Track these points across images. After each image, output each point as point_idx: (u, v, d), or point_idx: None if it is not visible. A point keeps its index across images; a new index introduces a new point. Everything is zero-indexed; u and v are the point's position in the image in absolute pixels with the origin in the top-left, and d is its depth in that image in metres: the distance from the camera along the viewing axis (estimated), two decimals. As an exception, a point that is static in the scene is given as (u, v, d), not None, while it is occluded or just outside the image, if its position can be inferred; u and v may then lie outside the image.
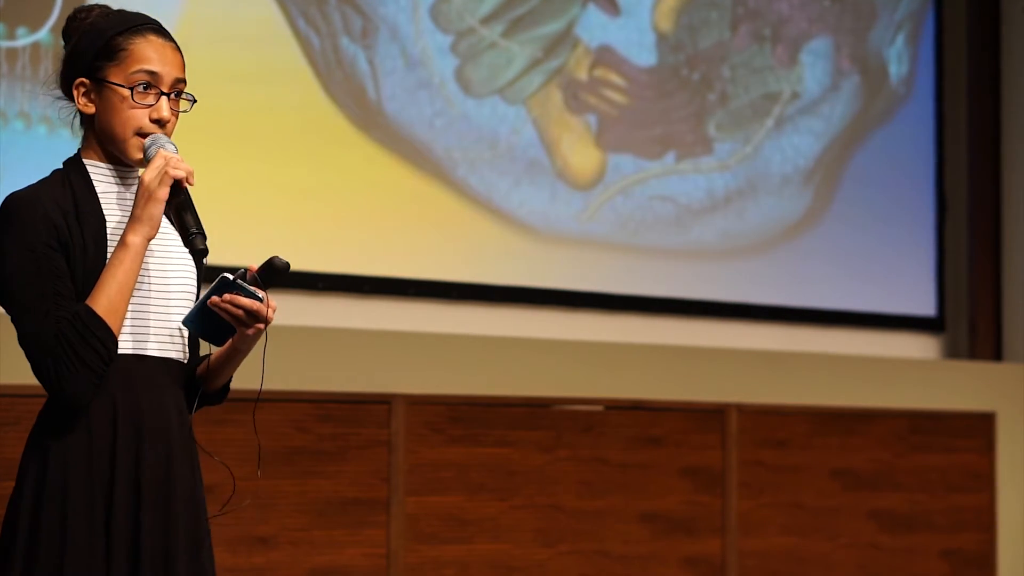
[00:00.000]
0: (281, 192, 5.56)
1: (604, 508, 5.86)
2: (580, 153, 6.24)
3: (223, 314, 2.83)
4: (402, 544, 5.43)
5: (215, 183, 5.34)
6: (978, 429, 6.75)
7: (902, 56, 7.13)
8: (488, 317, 5.99)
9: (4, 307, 2.80)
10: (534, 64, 6.15)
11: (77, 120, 2.92)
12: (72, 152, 2.93)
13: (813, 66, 6.85)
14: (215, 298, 2.83)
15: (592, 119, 6.28)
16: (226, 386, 3.04)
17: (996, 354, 7.15)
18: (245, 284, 2.85)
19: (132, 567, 2.74)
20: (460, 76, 5.98)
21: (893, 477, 6.52)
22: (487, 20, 6.05)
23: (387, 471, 5.42)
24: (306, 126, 5.63)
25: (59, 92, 2.92)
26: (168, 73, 2.85)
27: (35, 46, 5.13)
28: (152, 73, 2.84)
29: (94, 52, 2.84)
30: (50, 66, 5.09)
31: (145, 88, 2.84)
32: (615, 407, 5.92)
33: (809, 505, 6.31)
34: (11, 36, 5.12)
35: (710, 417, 6.11)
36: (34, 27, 5.14)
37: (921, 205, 7.14)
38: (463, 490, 5.58)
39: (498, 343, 5.80)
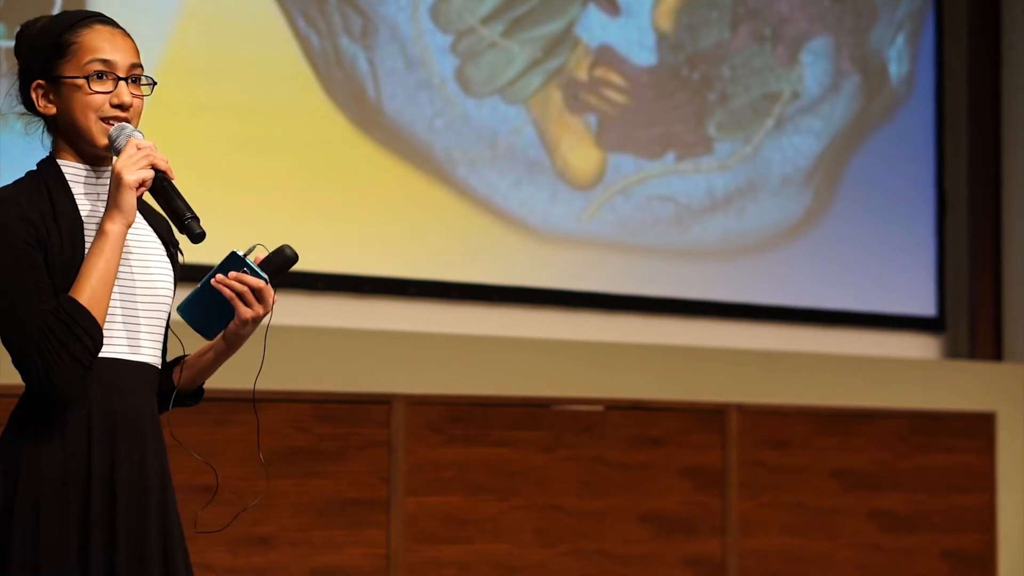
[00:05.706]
0: (281, 192, 5.55)
1: (604, 508, 5.85)
2: (580, 153, 6.24)
3: (226, 291, 2.77)
4: (402, 544, 5.43)
5: (214, 183, 5.34)
6: (978, 429, 6.75)
7: (902, 56, 7.13)
8: (488, 317, 5.98)
9: None
10: (534, 64, 6.15)
11: (47, 134, 2.87)
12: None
13: (813, 66, 6.85)
14: (220, 276, 2.77)
15: (592, 119, 6.28)
16: (201, 388, 2.98)
17: (996, 354, 7.15)
18: (253, 265, 2.77)
19: (108, 569, 2.71)
20: (460, 76, 5.98)
21: (893, 477, 6.52)
22: (487, 20, 6.05)
23: (387, 471, 5.42)
24: (306, 126, 5.63)
25: (22, 108, 2.88)
26: (122, 59, 2.80)
27: (35, 46, 5.12)
28: (105, 61, 2.78)
29: (45, 54, 2.80)
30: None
31: (101, 76, 2.78)
32: (615, 407, 5.92)
33: (809, 505, 6.31)
34: (11, 36, 5.12)
35: (710, 417, 6.10)
36: (34, 27, 5.13)
37: (921, 205, 7.14)
38: (463, 490, 5.58)
39: (498, 343, 5.80)
